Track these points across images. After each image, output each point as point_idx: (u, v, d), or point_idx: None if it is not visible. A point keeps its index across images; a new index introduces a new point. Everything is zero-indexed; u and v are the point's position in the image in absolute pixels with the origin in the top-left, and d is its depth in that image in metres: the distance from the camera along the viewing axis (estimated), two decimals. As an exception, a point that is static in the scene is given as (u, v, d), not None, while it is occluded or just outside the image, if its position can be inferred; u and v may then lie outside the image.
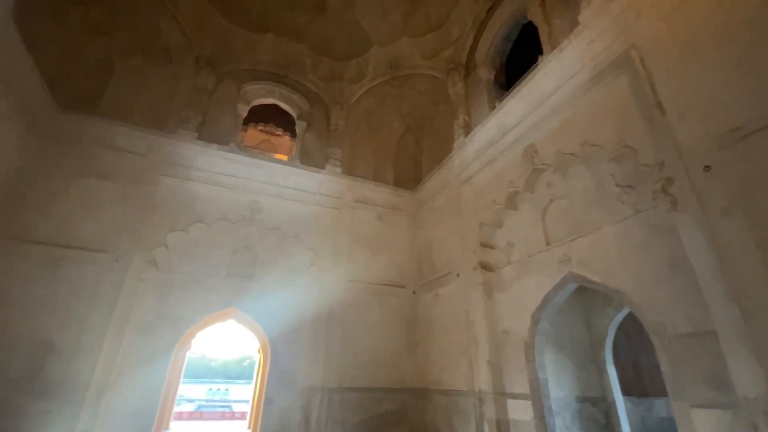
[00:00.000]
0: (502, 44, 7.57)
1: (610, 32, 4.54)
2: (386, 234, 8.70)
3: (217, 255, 7.19)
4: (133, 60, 8.03)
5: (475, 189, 6.78)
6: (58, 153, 6.56)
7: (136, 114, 7.62)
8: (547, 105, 5.31)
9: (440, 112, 9.63)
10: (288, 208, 7.89)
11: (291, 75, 9.50)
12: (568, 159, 4.98)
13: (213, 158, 7.54)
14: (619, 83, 4.39)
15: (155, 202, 6.85)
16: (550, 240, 5.28)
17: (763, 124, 3.07)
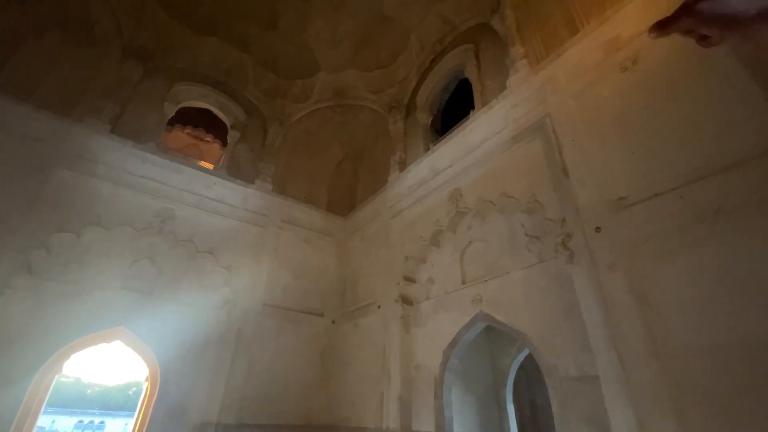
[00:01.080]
0: (441, 94, 8.18)
1: (531, 100, 5.16)
2: (312, 258, 8.45)
3: (113, 265, 6.29)
4: (48, 37, 7.06)
5: (405, 223, 6.99)
6: None
7: (39, 94, 6.62)
8: (474, 155, 5.78)
9: (379, 145, 9.92)
10: (206, 220, 7.30)
11: (231, 83, 9.13)
12: (487, 206, 5.39)
13: (125, 156, 6.76)
14: (535, 145, 4.95)
15: (43, 196, 5.87)
16: (466, 279, 5.57)
17: (643, 197, 3.64)
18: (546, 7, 5.89)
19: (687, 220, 3.26)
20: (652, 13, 4.20)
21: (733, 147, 3.15)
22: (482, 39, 7.07)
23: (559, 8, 5.61)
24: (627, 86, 4.21)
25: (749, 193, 2.97)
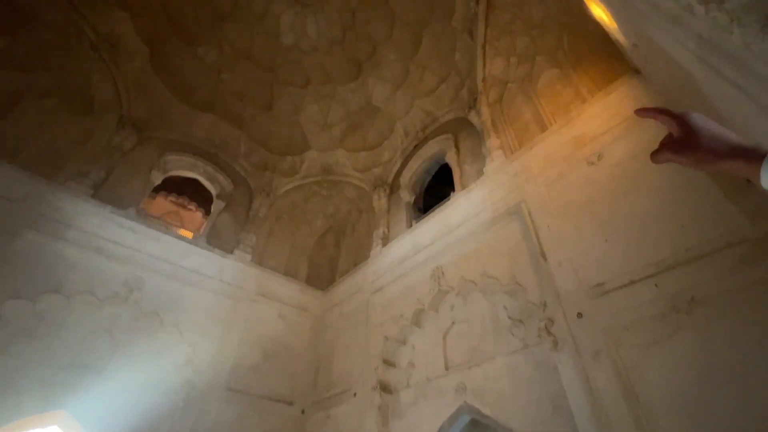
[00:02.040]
0: (423, 175, 8.65)
1: (507, 186, 5.48)
2: (285, 336, 7.93)
3: (66, 338, 5.70)
4: (46, 102, 7.32)
5: (385, 300, 6.80)
6: None
7: (25, 155, 6.61)
8: (455, 234, 5.91)
9: (363, 220, 10.08)
10: (176, 291, 6.91)
11: (222, 155, 9.43)
12: (469, 285, 5.36)
13: (101, 221, 6.59)
14: (513, 228, 5.13)
15: (5, 259, 5.52)
16: (449, 365, 5.28)
17: (620, 284, 3.71)
18: (517, 106, 6.59)
19: (664, 308, 3.30)
20: (611, 115, 4.75)
21: (699, 238, 3.33)
22: (461, 130, 7.73)
23: (528, 108, 6.28)
24: (594, 178, 4.56)
25: (719, 283, 3.07)
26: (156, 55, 8.13)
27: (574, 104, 5.57)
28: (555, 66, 6.20)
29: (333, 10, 8.41)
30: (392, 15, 8.20)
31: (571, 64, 5.95)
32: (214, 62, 8.77)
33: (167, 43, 8.19)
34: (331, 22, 8.58)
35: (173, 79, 8.52)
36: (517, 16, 6.59)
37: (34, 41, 7.07)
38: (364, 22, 8.46)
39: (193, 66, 8.64)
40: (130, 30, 7.66)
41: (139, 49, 7.90)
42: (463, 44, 7.61)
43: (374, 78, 9.14)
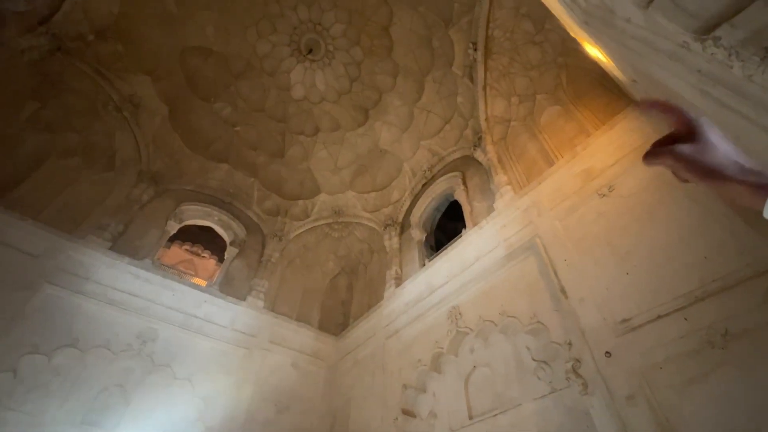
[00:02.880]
0: (433, 213, 8.68)
1: (519, 222, 5.45)
2: (299, 386, 7.64)
3: (79, 394, 5.59)
4: (70, 160, 7.72)
5: (402, 344, 6.57)
6: None
7: (47, 212, 6.88)
8: (470, 271, 5.81)
9: (375, 260, 10.02)
10: (190, 342, 6.82)
11: (236, 203, 9.67)
12: (488, 326, 5.17)
13: (118, 273, 6.69)
14: (529, 263, 5.03)
15: (25, 313, 5.57)
16: (473, 413, 4.97)
17: (647, 319, 3.54)
18: (522, 143, 6.72)
19: (698, 343, 3.12)
20: (617, 147, 4.79)
21: (725, 269, 3.21)
22: (468, 167, 7.84)
23: (533, 144, 6.39)
24: (607, 210, 4.51)
25: (752, 314, 2.92)
26: (174, 112, 8.63)
27: (578, 138, 5.65)
28: (556, 103, 6.38)
29: (340, 64, 8.94)
30: (396, 66, 8.66)
31: (571, 100, 6.11)
32: (229, 116, 9.25)
33: (185, 101, 8.71)
34: (339, 75, 9.08)
35: (190, 134, 8.97)
36: (515, 59, 6.90)
37: (61, 105, 7.59)
38: (369, 73, 8.94)
39: (210, 120, 9.12)
40: (152, 91, 8.22)
41: (159, 108, 8.42)
42: (464, 88, 7.93)
43: (381, 123, 9.48)
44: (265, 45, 8.66)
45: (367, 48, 8.67)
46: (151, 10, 7.45)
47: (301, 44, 8.72)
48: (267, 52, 8.77)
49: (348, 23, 8.41)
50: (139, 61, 7.89)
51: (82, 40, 7.10)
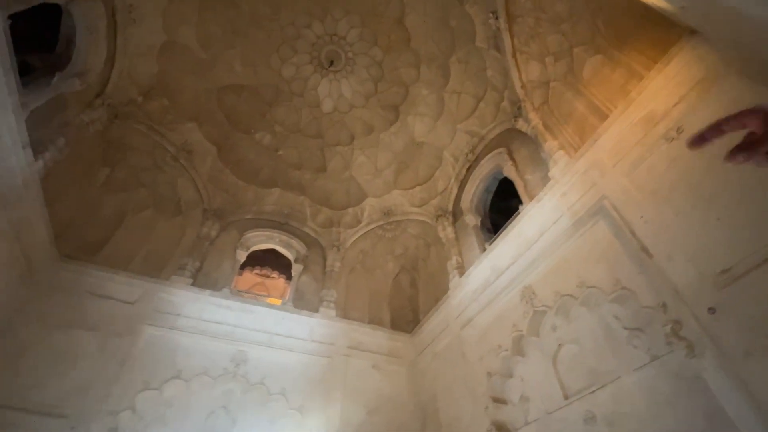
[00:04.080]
0: (484, 195, 8.42)
1: (580, 186, 5.11)
2: (384, 386, 7.82)
3: (191, 420, 6.19)
4: (144, 213, 8.60)
5: (477, 332, 6.47)
6: (45, 303, 6.31)
7: (135, 262, 7.72)
8: (536, 248, 5.56)
9: (432, 253, 9.97)
10: (276, 358, 7.25)
11: (291, 222, 10.12)
12: (567, 301, 4.92)
13: (203, 305, 7.31)
14: (600, 228, 4.70)
15: (133, 355, 6.29)
16: (568, 393, 4.75)
17: (750, 266, 3.16)
18: (567, 103, 6.29)
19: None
20: (678, 83, 4.32)
21: (843, 193, 2.77)
22: (512, 141, 7.51)
23: (580, 102, 5.96)
24: (680, 154, 4.09)
25: None
26: (222, 151, 9.26)
27: (630, 84, 5.17)
28: (596, 52, 5.89)
29: (361, 69, 9.01)
30: (417, 55, 8.54)
31: (613, 45, 5.61)
32: (270, 143, 9.73)
33: (229, 138, 9.30)
34: (363, 80, 9.15)
35: (239, 167, 9.57)
36: (541, 18, 6.49)
37: (128, 166, 8.44)
38: (392, 70, 8.91)
39: (254, 151, 9.66)
40: (199, 136, 8.89)
41: (209, 150, 9.08)
42: (492, 60, 7.61)
43: (413, 116, 9.41)
44: (289, 68, 8.97)
45: (385, 45, 8.65)
46: (183, 61, 8.04)
47: (322, 58, 8.91)
48: (292, 75, 9.08)
49: (362, 26, 8.45)
50: (184, 110, 8.56)
51: (133, 103, 7.85)
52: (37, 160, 5.66)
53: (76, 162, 7.03)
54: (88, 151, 7.40)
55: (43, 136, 5.87)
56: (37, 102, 5.42)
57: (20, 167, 5.29)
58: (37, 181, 5.75)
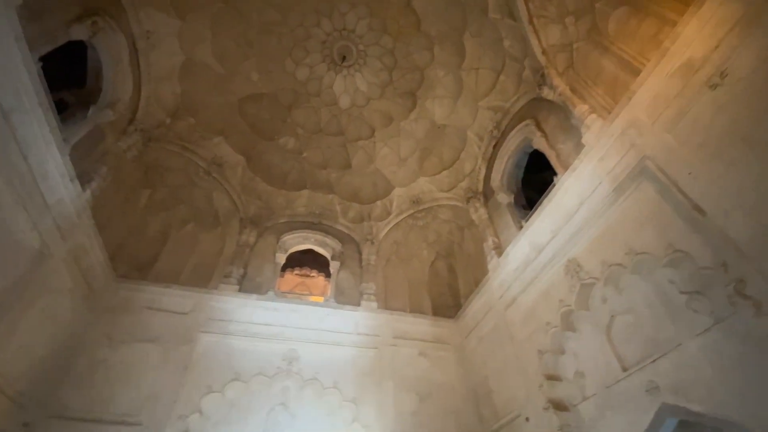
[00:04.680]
0: (514, 171, 8.17)
1: (618, 149, 4.84)
2: (433, 372, 7.87)
3: (253, 418, 6.52)
4: (186, 228, 9.07)
5: (523, 311, 6.35)
6: (109, 321, 6.82)
7: (184, 275, 8.20)
8: (576, 219, 5.34)
9: (467, 236, 9.85)
10: (325, 353, 7.47)
11: (324, 221, 10.31)
12: (616, 270, 4.71)
13: (251, 309, 7.63)
14: (645, 190, 4.45)
15: (193, 362, 6.69)
16: (626, 365, 4.58)
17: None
18: (593, 63, 5.95)
19: None
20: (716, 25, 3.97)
21: None
22: (539, 111, 7.22)
23: (608, 59, 5.61)
24: (726, 101, 3.78)
25: None
26: (250, 160, 9.55)
27: (662, 33, 4.81)
28: (621, 3, 5.50)
29: (374, 60, 8.92)
30: (428, 37, 8.35)
31: (640, -7, 5.22)
32: (294, 146, 9.92)
33: (255, 147, 9.56)
34: (376, 70, 9.07)
35: (268, 173, 9.84)
36: (556, -23, 6.14)
37: (166, 185, 8.88)
38: (405, 56, 8.76)
39: (280, 156, 9.89)
40: (227, 148, 9.21)
41: (238, 161, 9.40)
42: (508, 30, 7.30)
43: (431, 100, 9.24)
44: (303, 70, 9.03)
45: (395, 32, 8.51)
46: (203, 79, 8.29)
47: (334, 55, 8.90)
48: (307, 76, 9.14)
49: (370, 16, 8.34)
50: (209, 126, 8.86)
51: (162, 125, 8.21)
52: (85, 190, 6.06)
53: (119, 188, 7.47)
54: (128, 176, 7.84)
55: (86, 167, 6.27)
56: (77, 136, 5.78)
57: (71, 199, 5.69)
58: (88, 210, 6.16)
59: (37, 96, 4.56)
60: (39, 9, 4.74)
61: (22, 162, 4.63)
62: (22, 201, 4.78)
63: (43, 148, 4.90)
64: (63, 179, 5.43)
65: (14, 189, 4.62)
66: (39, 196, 5.06)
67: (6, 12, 3.93)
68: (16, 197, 4.67)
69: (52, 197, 5.31)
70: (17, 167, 4.59)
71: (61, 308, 6.02)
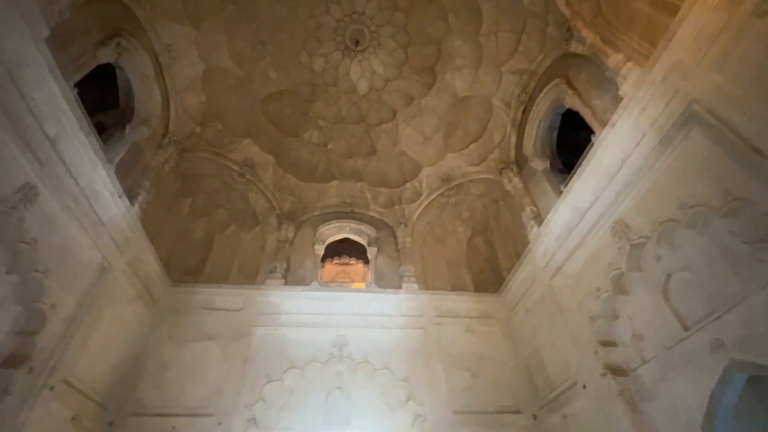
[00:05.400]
0: (548, 135, 7.80)
1: (661, 97, 4.47)
2: (481, 348, 7.87)
3: (312, 402, 6.86)
4: (228, 230, 9.52)
5: (570, 279, 6.16)
6: (170, 323, 7.36)
7: (233, 274, 8.66)
8: (621, 177, 5.04)
9: (503, 209, 9.61)
10: (373, 337, 7.66)
11: (356, 209, 10.43)
12: (669, 226, 4.43)
13: (298, 300, 7.94)
14: (695, 138, 4.12)
15: (250, 354, 7.09)
16: (687, 323, 4.35)
17: None
18: (624, 7, 5.46)
19: None
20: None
21: None
22: (568, 67, 6.79)
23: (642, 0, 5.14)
24: (783, 27, 3.36)
25: None
26: (279, 158, 9.77)
27: (703, -40, 4.32)
28: (650, -65, 4.99)
29: (387, 39, 8.71)
30: (442, 6, 8.01)
31: None
32: (319, 139, 10.01)
33: (281, 144, 9.75)
34: (391, 50, 8.87)
35: (297, 169, 10.05)
36: None
37: (204, 191, 9.30)
38: (418, 31, 8.49)
39: (306, 151, 10.04)
40: (256, 148, 9.46)
41: (268, 160, 9.66)
42: (526, -14, 6.86)
43: (450, 72, 8.94)
44: (318, 61, 9.00)
45: (406, 7, 8.23)
46: (225, 83, 8.48)
47: (347, 41, 8.78)
48: (323, 66, 9.11)
49: (379, -6, 8.12)
50: (236, 129, 9.11)
51: (193, 135, 8.54)
52: (133, 205, 6.46)
53: (161, 199, 7.90)
54: (168, 188, 8.27)
55: (130, 183, 6.67)
56: (118, 155, 6.13)
57: (122, 214, 6.09)
58: (138, 223, 6.58)
59: (78, 121, 4.85)
60: (65, 37, 4.98)
61: (73, 185, 4.99)
62: (80, 221, 5.18)
63: (90, 170, 5.25)
64: (113, 197, 5.81)
65: (71, 212, 5.00)
66: (94, 215, 5.45)
67: (37, 45, 4.15)
68: (73, 219, 5.06)
69: (106, 215, 5.71)
70: (70, 190, 4.96)
71: (127, 316, 6.54)
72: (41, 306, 4.64)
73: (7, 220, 4.08)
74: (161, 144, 7.76)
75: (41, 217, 4.54)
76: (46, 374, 4.71)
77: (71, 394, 5.20)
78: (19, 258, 4.34)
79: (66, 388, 5.07)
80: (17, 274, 4.38)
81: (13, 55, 3.93)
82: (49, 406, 4.74)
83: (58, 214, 4.81)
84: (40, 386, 4.60)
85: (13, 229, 4.15)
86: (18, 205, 4.17)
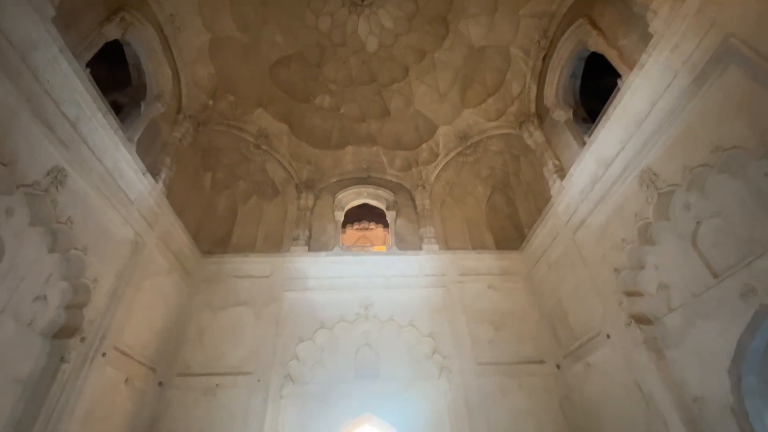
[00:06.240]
0: (570, 82, 7.37)
1: (695, 31, 4.11)
2: (504, 303, 8.00)
3: (343, 359, 7.30)
4: (250, 201, 9.74)
5: (594, 232, 6.05)
6: (205, 292, 7.79)
7: (258, 243, 8.99)
8: (649, 123, 4.77)
9: (523, 164, 9.35)
10: (397, 297, 7.89)
11: (373, 174, 10.40)
12: (700, 172, 4.22)
13: (323, 265, 8.20)
14: (732, 75, 3.81)
15: (282, 317, 7.49)
16: (717, 271, 4.25)
17: None
18: (657, -71, 4.90)
19: None
20: None
21: None
22: (592, 7, 6.27)
23: None
24: None
25: None
26: (292, 126, 9.71)
27: None
28: None
29: (396, -11, 8.22)
30: (451, -53, 7.42)
31: None
32: (331, 103, 9.83)
33: (294, 112, 9.64)
34: (399, 1, 8.39)
35: (311, 136, 9.99)
36: None
37: (224, 165, 9.44)
38: (428, -23, 7.95)
39: (319, 117, 9.91)
40: (269, 118, 9.39)
41: (282, 129, 9.61)
42: None
43: (464, 21, 8.43)
44: (324, 20, 8.64)
45: (413, -48, 7.68)
46: (232, 52, 8.31)
47: (353, -5, 8.34)
48: (329, 25, 8.75)
49: (383, -60, 7.57)
50: (248, 99, 9.04)
51: (207, 108, 8.54)
52: (158, 182, 6.65)
53: (183, 174, 8.08)
54: (189, 163, 8.43)
55: (152, 160, 6.82)
56: (137, 133, 6.23)
57: (148, 191, 6.30)
58: (164, 199, 6.80)
59: (94, 102, 4.91)
60: (70, 17, 4.93)
61: (99, 165, 5.14)
62: (110, 201, 5.39)
63: (112, 149, 5.38)
64: (137, 175, 5.99)
65: (101, 191, 5.19)
66: (122, 194, 5.66)
67: (45, 26, 4.11)
68: (103, 198, 5.27)
69: (133, 192, 5.92)
70: (97, 171, 5.12)
71: (166, 287, 6.95)
72: (85, 281, 4.97)
73: (41, 202, 4.28)
74: (177, 120, 7.82)
75: (73, 198, 4.74)
76: (97, 342, 5.13)
77: (122, 359, 5.68)
78: (59, 237, 4.60)
79: (117, 354, 5.54)
80: (59, 253, 4.67)
81: (23, 38, 3.94)
82: (103, 370, 5.20)
83: (89, 194, 5.01)
84: (93, 353, 5.02)
85: (48, 210, 4.36)
86: (50, 188, 4.35)
